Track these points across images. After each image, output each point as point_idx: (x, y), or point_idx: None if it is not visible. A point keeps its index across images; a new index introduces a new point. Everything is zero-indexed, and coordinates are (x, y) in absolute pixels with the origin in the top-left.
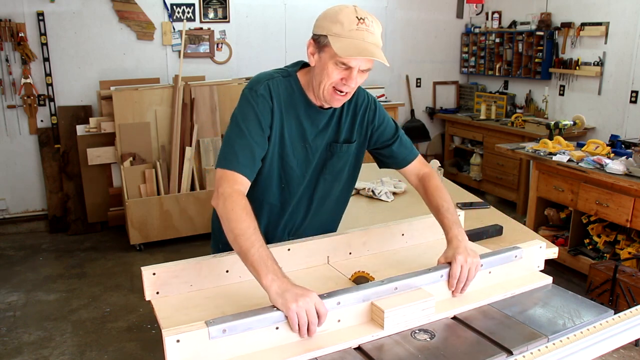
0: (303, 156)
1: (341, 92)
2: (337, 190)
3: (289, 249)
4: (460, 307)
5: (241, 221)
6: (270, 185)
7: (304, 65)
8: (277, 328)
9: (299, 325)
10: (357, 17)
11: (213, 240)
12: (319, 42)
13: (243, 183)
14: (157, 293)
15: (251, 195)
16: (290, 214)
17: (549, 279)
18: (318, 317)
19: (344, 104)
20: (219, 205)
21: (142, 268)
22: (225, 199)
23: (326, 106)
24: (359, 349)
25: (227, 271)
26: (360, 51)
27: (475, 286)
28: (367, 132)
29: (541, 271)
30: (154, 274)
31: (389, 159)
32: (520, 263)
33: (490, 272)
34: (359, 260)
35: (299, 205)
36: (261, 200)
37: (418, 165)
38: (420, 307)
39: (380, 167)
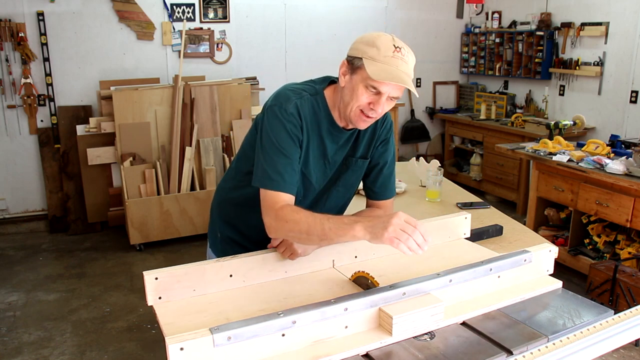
0: (322, 172)
1: (368, 116)
2: (345, 200)
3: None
4: (471, 312)
5: (298, 221)
6: None
7: (331, 82)
8: (283, 335)
9: (407, 246)
10: (394, 45)
11: (210, 230)
12: (352, 63)
13: (287, 200)
14: (160, 298)
15: None
16: None
17: (558, 283)
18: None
19: None
20: (278, 231)
21: (145, 273)
22: (277, 222)
23: (349, 127)
24: (367, 356)
25: (230, 275)
26: (393, 77)
27: (485, 291)
28: (374, 147)
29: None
30: (156, 278)
31: (366, 180)
32: (530, 267)
33: (499, 277)
34: (365, 264)
35: None
36: None
37: (384, 209)
38: (429, 312)
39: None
